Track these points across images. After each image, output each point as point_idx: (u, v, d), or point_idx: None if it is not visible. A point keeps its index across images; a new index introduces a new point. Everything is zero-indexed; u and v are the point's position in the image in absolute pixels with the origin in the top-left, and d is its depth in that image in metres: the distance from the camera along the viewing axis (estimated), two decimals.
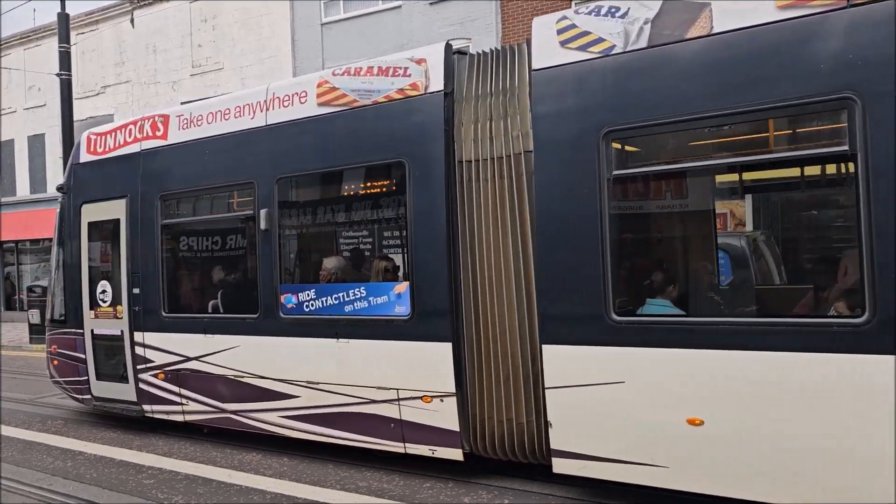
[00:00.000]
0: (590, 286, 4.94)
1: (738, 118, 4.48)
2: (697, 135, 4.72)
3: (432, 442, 5.82)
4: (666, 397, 4.68)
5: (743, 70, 4.40)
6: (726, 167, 5.20)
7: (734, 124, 4.51)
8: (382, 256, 6.49)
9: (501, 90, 5.56)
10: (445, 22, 17.55)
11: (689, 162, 4.91)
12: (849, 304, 4.35)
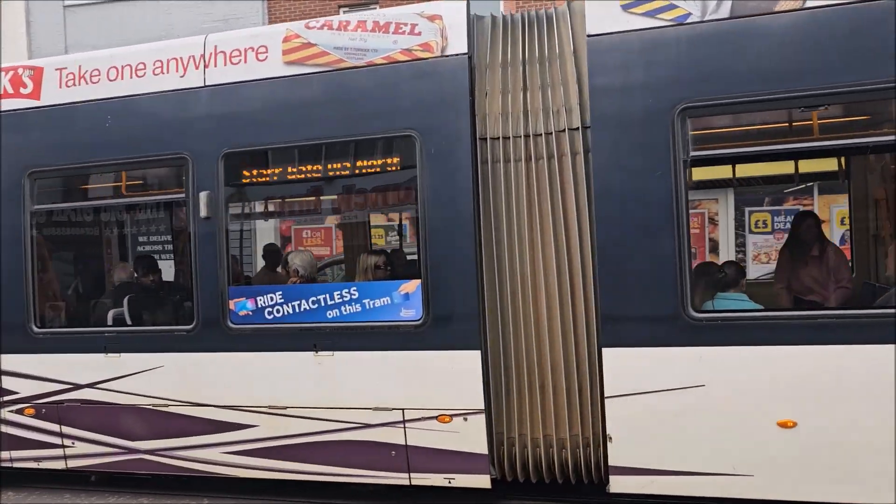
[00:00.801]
0: (664, 280, 4.41)
1: (819, 100, 4.24)
2: (788, 114, 4.41)
3: (450, 469, 4.91)
4: (753, 399, 4.30)
5: None
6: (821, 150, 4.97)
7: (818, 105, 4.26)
8: (372, 251, 5.42)
9: (539, 58, 4.86)
10: (209, 17, 16.28)
11: (772, 145, 4.60)
12: None
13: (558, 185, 4.72)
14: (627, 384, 4.49)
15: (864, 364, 4.09)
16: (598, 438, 4.69)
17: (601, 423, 4.64)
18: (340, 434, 5.09)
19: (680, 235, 4.38)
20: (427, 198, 4.86)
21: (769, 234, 10.53)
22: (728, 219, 10.54)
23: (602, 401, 4.59)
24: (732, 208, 10.69)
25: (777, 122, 4.53)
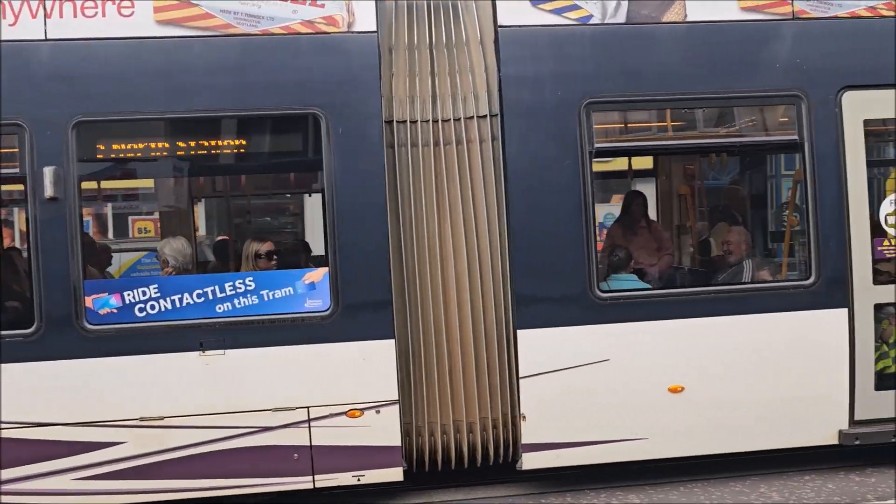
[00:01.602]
0: (574, 263, 4.69)
1: (702, 103, 4.87)
2: (675, 114, 4.94)
3: (359, 466, 4.66)
4: (649, 369, 4.75)
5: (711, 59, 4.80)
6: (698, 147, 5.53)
7: (707, 108, 4.88)
8: (258, 237, 4.91)
9: (446, 44, 4.84)
10: None
11: (665, 140, 5.09)
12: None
13: (467, 171, 4.76)
14: (541, 363, 4.69)
15: (739, 332, 4.76)
16: (511, 419, 4.82)
17: (515, 404, 4.77)
18: (233, 441, 4.56)
19: (587, 221, 4.69)
20: (335, 181, 4.58)
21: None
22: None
23: (517, 381, 4.73)
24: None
25: (667, 120, 5.07)
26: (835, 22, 4.87)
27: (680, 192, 6.82)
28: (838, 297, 4.82)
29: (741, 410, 4.81)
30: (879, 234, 4.89)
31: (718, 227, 5.95)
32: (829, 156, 4.80)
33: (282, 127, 4.75)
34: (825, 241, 4.79)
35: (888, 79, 4.85)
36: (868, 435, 4.89)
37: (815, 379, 4.85)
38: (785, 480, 4.91)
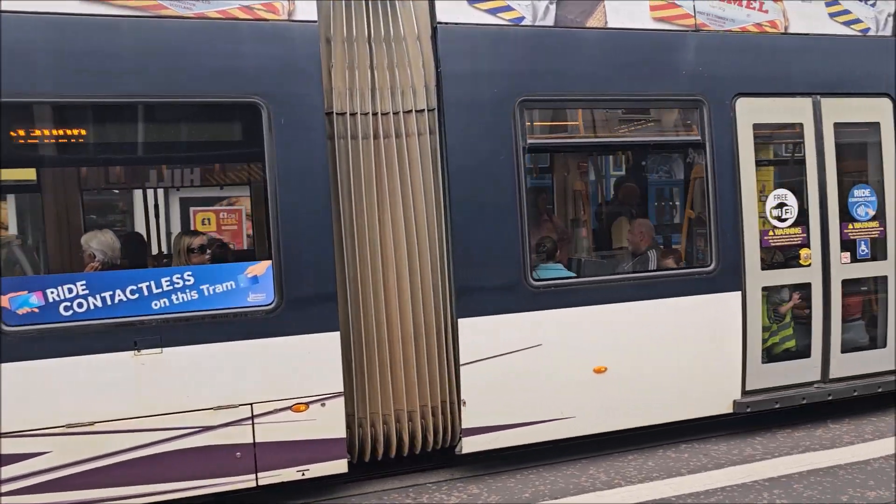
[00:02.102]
0: (510, 253, 4.91)
1: (620, 104, 5.27)
2: (598, 113, 5.28)
3: (304, 460, 4.61)
4: (576, 351, 5.08)
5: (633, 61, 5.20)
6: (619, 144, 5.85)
7: (625, 109, 5.27)
8: (190, 231, 4.68)
9: (385, 38, 4.86)
10: None
11: (594, 138, 5.41)
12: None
13: (406, 164, 4.84)
14: (480, 350, 4.87)
15: (652, 315, 5.21)
16: (452, 405, 4.96)
17: (455, 390, 4.92)
18: (171, 444, 4.35)
19: (521, 213, 4.93)
20: (278, 173, 4.48)
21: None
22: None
23: (457, 368, 4.88)
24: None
25: (594, 119, 5.41)
26: (729, 35, 5.43)
27: (575, 188, 7.27)
28: (733, 281, 5.41)
29: (655, 387, 5.27)
30: (766, 225, 5.54)
31: (618, 220, 6.43)
32: (725, 155, 5.37)
33: (218, 115, 4.56)
34: (723, 233, 5.36)
35: (773, 88, 5.51)
36: (757, 403, 5.53)
37: (715, 355, 5.41)
38: (692, 445, 5.47)
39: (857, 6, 5.82)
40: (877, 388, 5.83)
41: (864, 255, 5.79)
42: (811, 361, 5.72)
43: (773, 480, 4.71)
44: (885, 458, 5.01)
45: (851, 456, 5.07)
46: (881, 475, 4.72)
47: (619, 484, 4.78)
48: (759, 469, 4.92)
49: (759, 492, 4.55)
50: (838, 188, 5.69)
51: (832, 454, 5.14)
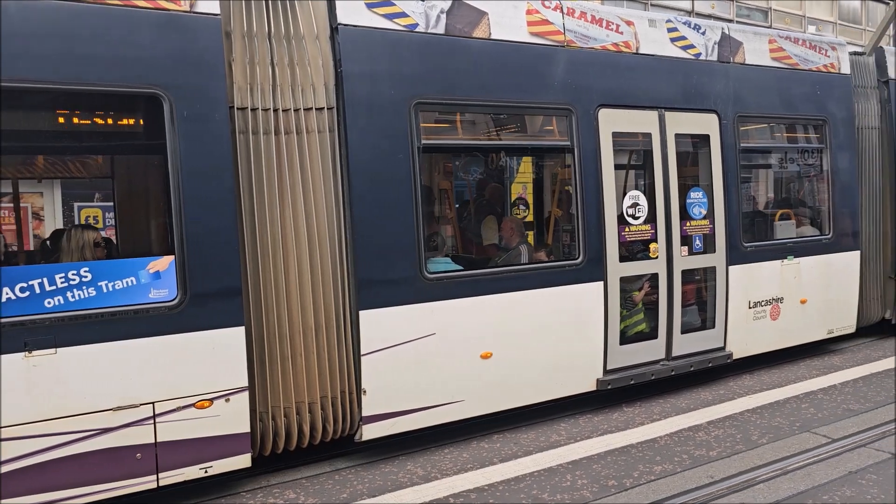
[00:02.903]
0: (407, 247, 5.16)
1: (504, 109, 5.71)
2: (483, 118, 5.64)
3: (207, 457, 4.56)
4: (465, 339, 5.44)
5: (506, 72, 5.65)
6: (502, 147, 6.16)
7: (507, 114, 5.70)
8: (85, 225, 4.41)
9: (286, 36, 4.90)
10: None
11: (480, 140, 5.74)
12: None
13: (307, 161, 4.93)
14: (379, 341, 5.08)
15: (530, 304, 5.70)
16: (352, 395, 5.11)
17: (355, 380, 5.08)
18: (66, 449, 4.13)
19: (417, 209, 5.20)
20: (181, 166, 4.40)
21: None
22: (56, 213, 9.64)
23: (357, 359, 5.05)
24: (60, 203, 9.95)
25: (481, 122, 5.78)
26: (593, 52, 6.07)
27: (441, 186, 7.66)
28: (597, 272, 6.05)
29: (533, 369, 5.77)
30: (623, 222, 6.24)
31: (490, 217, 6.90)
32: (590, 159, 5.99)
33: (117, 106, 4.37)
34: (588, 229, 5.98)
35: (628, 101, 6.23)
36: (616, 380, 6.22)
37: (582, 339, 6.02)
38: (504, 434, 5.80)
39: (691, 33, 6.71)
40: (708, 364, 6.78)
41: (699, 249, 6.71)
42: (658, 342, 6.53)
43: (575, 463, 5.07)
44: (669, 435, 5.56)
45: (641, 435, 5.57)
46: (666, 451, 5.24)
47: (436, 477, 4.93)
48: (563, 453, 5.27)
49: (562, 474, 4.88)
50: (679, 190, 6.55)
51: (625, 435, 5.61)
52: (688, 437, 5.52)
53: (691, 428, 5.73)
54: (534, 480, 4.83)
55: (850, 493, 4.45)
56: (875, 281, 8.42)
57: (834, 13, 19.69)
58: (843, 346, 8.36)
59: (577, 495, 4.57)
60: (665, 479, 4.75)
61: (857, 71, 8.21)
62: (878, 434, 5.44)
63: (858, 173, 8.09)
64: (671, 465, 5.01)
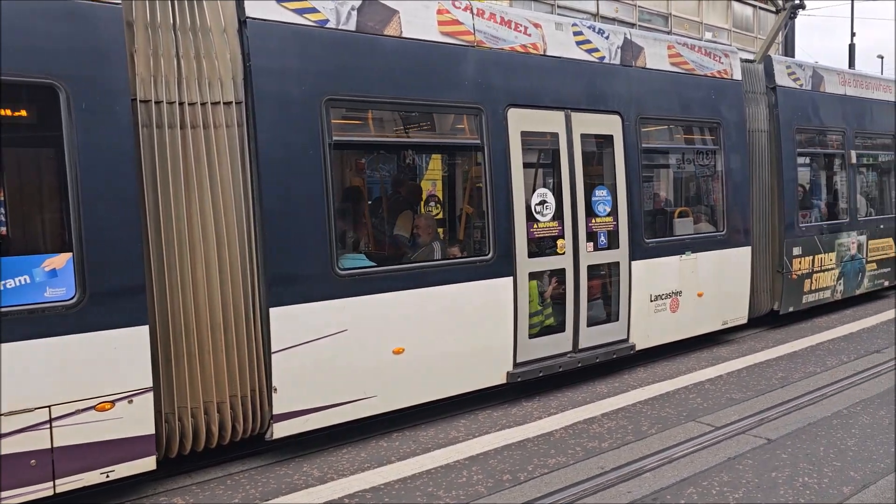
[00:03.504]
0: (319, 244, 5.14)
1: (415, 108, 5.77)
2: (395, 115, 5.66)
3: (109, 461, 4.41)
4: (378, 335, 5.48)
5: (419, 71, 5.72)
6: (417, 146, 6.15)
7: (418, 112, 5.75)
8: None
9: (192, 28, 4.78)
10: None
11: (392, 138, 5.74)
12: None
13: (214, 156, 4.84)
14: (291, 338, 5.05)
15: (442, 299, 5.79)
16: (262, 393, 5.05)
17: (266, 378, 5.03)
18: None
19: (328, 206, 5.19)
20: (79, 160, 4.24)
21: None
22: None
23: (268, 356, 4.99)
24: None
25: (392, 120, 5.80)
26: (502, 53, 6.21)
27: (354, 183, 7.66)
28: (507, 268, 6.20)
29: (445, 363, 5.87)
30: (531, 219, 6.42)
31: (404, 214, 6.94)
32: (500, 157, 6.14)
33: (9, 96, 4.13)
34: (498, 225, 6.12)
35: (536, 101, 6.41)
36: (525, 373, 6.40)
37: (492, 333, 6.17)
38: (403, 432, 5.80)
39: (596, 37, 6.97)
40: (613, 355, 7.07)
41: (603, 245, 6.98)
42: (565, 335, 6.76)
43: (473, 458, 5.13)
44: (564, 428, 5.71)
45: (538, 429, 5.68)
46: (561, 444, 5.39)
47: (332, 478, 4.88)
48: (461, 449, 5.33)
49: (459, 470, 4.94)
50: (584, 189, 6.78)
51: (523, 429, 5.70)
52: (582, 430, 5.72)
53: (586, 420, 5.94)
54: (430, 478, 4.88)
55: (728, 479, 4.73)
56: (764, 274, 9.00)
57: (729, 21, 20.80)
58: (734, 336, 8.88)
59: (472, 491, 4.65)
60: (558, 472, 4.91)
61: (747, 77, 8.72)
62: (757, 421, 5.82)
63: (749, 173, 8.61)
64: (565, 457, 5.17)
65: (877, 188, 11.54)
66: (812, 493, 4.50)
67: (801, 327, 9.42)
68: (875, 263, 10.80)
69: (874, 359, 7.66)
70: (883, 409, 6.02)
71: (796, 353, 8.06)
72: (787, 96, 9.20)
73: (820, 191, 10.77)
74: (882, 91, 11.06)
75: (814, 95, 9.70)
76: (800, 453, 5.11)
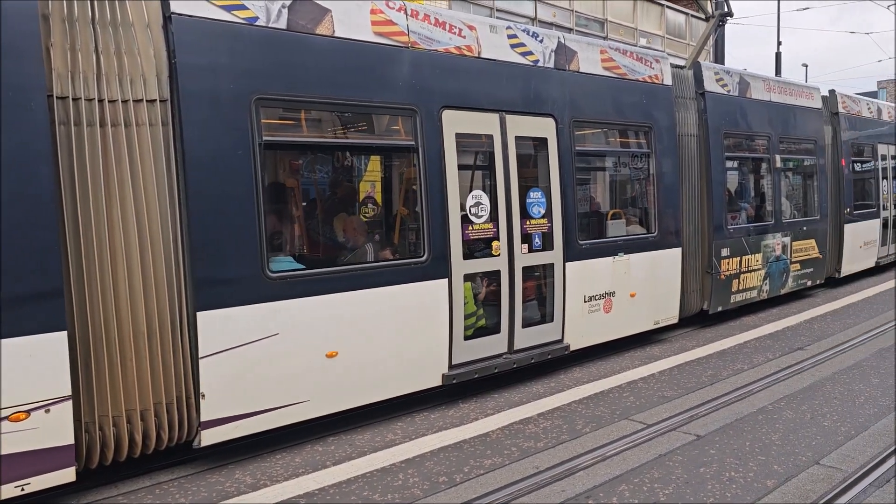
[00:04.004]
0: (249, 245, 5.03)
1: (347, 108, 5.71)
2: (328, 116, 5.57)
3: (25, 473, 4.20)
4: (310, 338, 5.38)
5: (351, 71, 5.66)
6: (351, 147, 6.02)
7: (352, 113, 5.68)
8: None
9: (112, 23, 4.60)
10: None
11: (325, 138, 5.63)
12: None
13: (137, 155, 4.68)
14: (220, 342, 4.92)
15: (376, 301, 5.73)
16: (189, 399, 4.90)
17: (193, 384, 4.88)
18: None
19: (259, 207, 5.08)
20: None
21: None
22: None
23: (196, 362, 4.85)
24: None
25: (325, 120, 5.70)
26: (437, 54, 6.20)
27: (287, 184, 7.53)
28: (442, 270, 6.19)
29: (379, 366, 5.81)
30: (466, 221, 6.43)
31: (338, 216, 6.85)
32: (435, 159, 6.12)
33: None
34: (433, 227, 6.10)
35: (471, 103, 6.42)
36: (461, 375, 6.40)
37: (428, 335, 6.14)
38: (339, 437, 5.74)
39: (530, 40, 7.03)
40: (548, 356, 7.13)
41: (538, 246, 7.04)
42: (500, 337, 6.78)
43: (409, 461, 5.11)
44: (500, 429, 5.73)
45: (474, 430, 5.71)
46: (497, 444, 5.41)
47: (266, 484, 4.80)
48: (398, 452, 5.30)
49: (395, 473, 4.93)
50: (519, 191, 6.83)
51: (460, 431, 5.71)
52: (518, 430, 5.76)
53: (522, 421, 5.98)
54: (366, 481, 4.83)
55: (658, 475, 4.83)
56: (694, 275, 9.24)
57: (662, 27, 21.33)
58: (666, 335, 9.10)
59: (408, 494, 4.63)
60: (493, 473, 4.93)
61: (678, 83, 8.95)
62: (687, 418, 5.97)
63: (680, 177, 8.83)
64: (501, 458, 5.19)
65: (800, 191, 12.00)
66: (738, 486, 4.62)
67: (730, 326, 9.73)
68: (798, 264, 11.22)
69: (797, 356, 7.96)
70: (805, 404, 6.25)
71: (725, 351, 8.31)
72: (716, 102, 9.49)
73: (747, 194, 11.13)
74: (805, 98, 11.51)
75: (741, 101, 10.03)
76: (727, 449, 5.25)
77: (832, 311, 10.58)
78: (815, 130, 11.77)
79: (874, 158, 13.89)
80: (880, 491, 4.54)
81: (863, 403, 6.23)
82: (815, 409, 6.12)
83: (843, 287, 12.75)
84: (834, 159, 12.50)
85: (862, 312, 10.42)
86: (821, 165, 11.83)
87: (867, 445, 5.27)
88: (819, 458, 5.06)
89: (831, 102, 12.68)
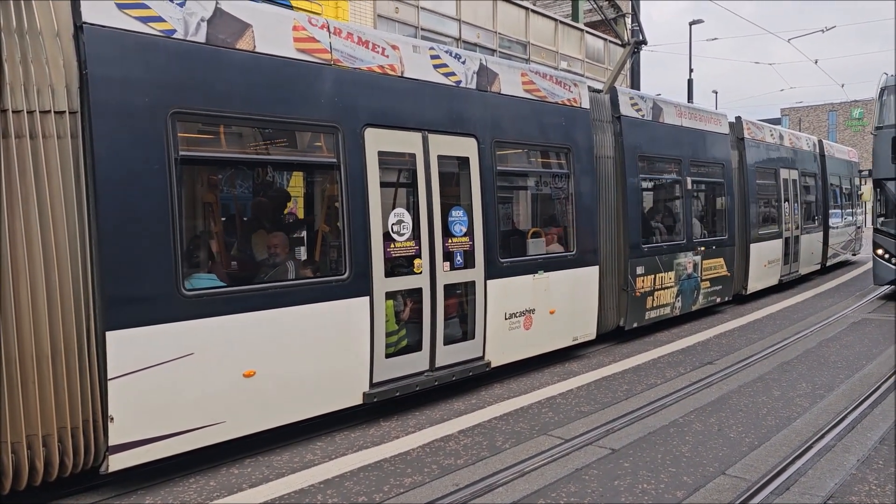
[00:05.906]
0: (162, 263, 4.88)
1: (268, 124, 5.64)
2: (249, 131, 5.47)
3: None
4: (227, 358, 5.26)
5: (273, 87, 5.61)
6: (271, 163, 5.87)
7: (272, 129, 5.60)
8: None
9: (18, 31, 4.41)
10: None
11: (244, 154, 5.51)
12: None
13: (43, 168, 4.49)
14: (131, 363, 4.74)
15: (295, 320, 5.66)
16: (96, 423, 4.69)
17: (102, 407, 4.68)
18: None
19: (174, 224, 4.94)
20: None
21: None
22: None
23: (104, 384, 4.65)
24: None
25: (245, 136, 5.60)
26: (359, 73, 6.21)
27: (206, 199, 7.36)
28: (363, 287, 6.17)
29: (299, 385, 5.73)
30: (388, 239, 6.43)
31: (258, 233, 6.74)
32: (357, 177, 6.11)
33: None
34: (355, 245, 6.08)
35: (394, 122, 6.45)
36: (382, 393, 6.37)
37: (348, 353, 6.10)
38: (256, 458, 5.61)
39: (452, 61, 7.14)
40: (469, 373, 7.19)
41: (460, 264, 7.11)
42: (422, 354, 6.80)
43: (328, 482, 5.06)
44: (421, 447, 5.76)
45: (395, 449, 5.71)
46: (418, 462, 5.43)
47: None
48: (316, 473, 5.23)
49: (314, 494, 4.86)
50: (441, 209, 6.89)
51: (380, 449, 5.70)
52: (439, 448, 5.78)
53: (443, 438, 6.01)
54: (283, 503, 4.76)
55: (575, 489, 4.94)
56: (611, 292, 9.52)
57: (582, 51, 22.01)
58: (584, 351, 9.33)
59: None
60: (413, 491, 4.93)
61: (595, 106, 9.26)
62: (603, 432, 6.13)
63: (597, 197, 9.11)
64: (421, 476, 5.20)
65: (710, 212, 12.57)
66: (650, 498, 4.77)
67: (645, 341, 10.07)
68: (709, 281, 11.73)
69: (707, 370, 8.30)
70: (713, 416, 6.52)
71: (640, 366, 8.59)
72: (631, 125, 9.86)
73: (660, 214, 11.58)
74: (713, 124, 12.10)
75: (654, 125, 10.46)
76: (640, 461, 5.42)
77: (739, 327, 11.10)
78: (723, 154, 12.38)
79: (776, 181, 14.69)
80: (780, 499, 4.76)
81: (765, 415, 6.55)
82: (722, 421, 6.39)
83: (750, 304, 13.41)
84: (740, 182, 13.16)
85: (766, 328, 10.98)
86: (728, 187, 12.44)
87: (769, 455, 5.54)
88: (725, 469, 5.28)
89: (737, 128, 13.38)
